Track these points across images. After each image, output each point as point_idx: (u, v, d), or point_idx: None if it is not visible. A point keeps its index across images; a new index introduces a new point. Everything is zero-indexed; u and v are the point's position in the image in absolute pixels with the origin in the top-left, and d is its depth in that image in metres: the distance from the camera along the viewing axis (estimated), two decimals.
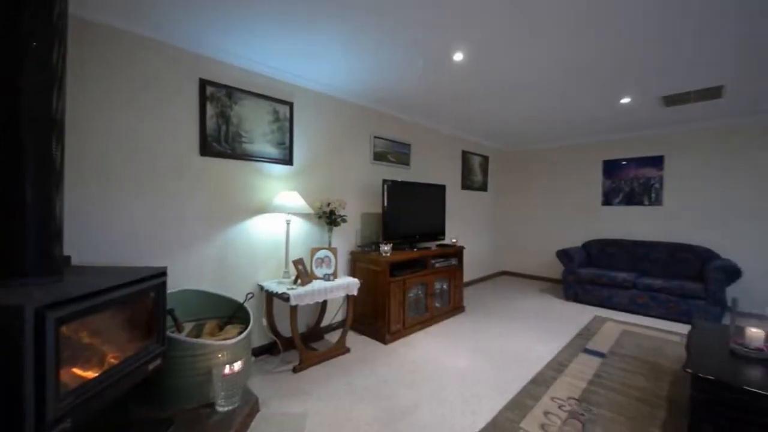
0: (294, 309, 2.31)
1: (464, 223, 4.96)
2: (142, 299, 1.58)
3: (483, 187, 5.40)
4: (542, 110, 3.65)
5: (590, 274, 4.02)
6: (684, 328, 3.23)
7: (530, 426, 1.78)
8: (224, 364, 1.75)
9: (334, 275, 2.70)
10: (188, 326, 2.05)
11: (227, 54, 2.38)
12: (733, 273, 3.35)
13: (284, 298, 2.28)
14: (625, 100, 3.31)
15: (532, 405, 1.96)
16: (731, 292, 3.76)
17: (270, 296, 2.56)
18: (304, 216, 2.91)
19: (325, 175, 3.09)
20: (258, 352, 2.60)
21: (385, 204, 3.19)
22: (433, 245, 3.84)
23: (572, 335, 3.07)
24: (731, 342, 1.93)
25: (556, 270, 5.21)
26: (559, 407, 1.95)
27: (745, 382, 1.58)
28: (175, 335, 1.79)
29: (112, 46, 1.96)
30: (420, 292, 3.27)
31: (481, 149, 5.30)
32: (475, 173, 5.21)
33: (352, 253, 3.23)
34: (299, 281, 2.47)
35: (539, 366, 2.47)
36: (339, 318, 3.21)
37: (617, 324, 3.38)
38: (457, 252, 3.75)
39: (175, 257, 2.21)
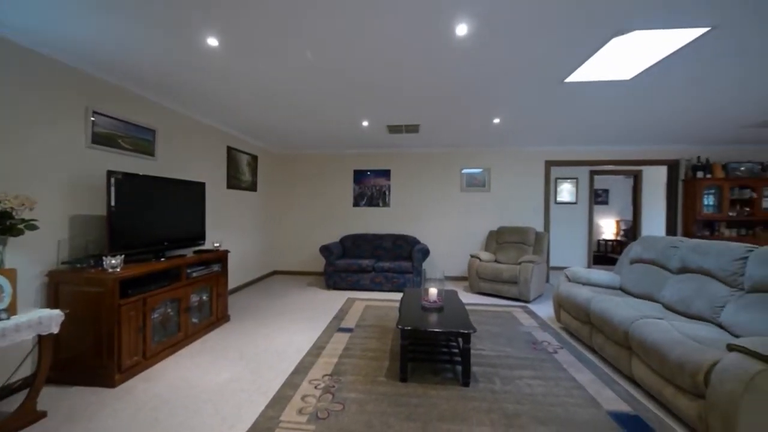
0: None
1: (231, 225, 4.62)
2: None
3: (252, 187, 5.23)
4: (301, 120, 3.96)
5: (345, 264, 4.77)
6: (400, 296, 4.45)
7: (289, 415, 1.88)
8: None
9: (11, 310, 1.78)
10: None
11: None
12: (426, 253, 4.93)
13: None
14: (365, 123, 4.15)
15: (291, 395, 2.08)
16: (425, 265, 5.56)
17: None
18: None
19: None
20: None
21: (113, 204, 2.45)
22: (189, 252, 3.33)
23: (329, 319, 3.53)
24: (422, 300, 2.83)
25: (321, 264, 5.85)
26: (315, 387, 2.18)
27: (428, 325, 2.32)
28: None
29: None
30: (170, 309, 2.75)
31: (249, 147, 5.11)
32: (243, 172, 4.96)
33: (53, 274, 2.26)
34: None
35: (301, 355, 2.67)
36: (26, 372, 2.17)
37: (362, 302, 4.19)
38: (220, 257, 3.43)
39: None
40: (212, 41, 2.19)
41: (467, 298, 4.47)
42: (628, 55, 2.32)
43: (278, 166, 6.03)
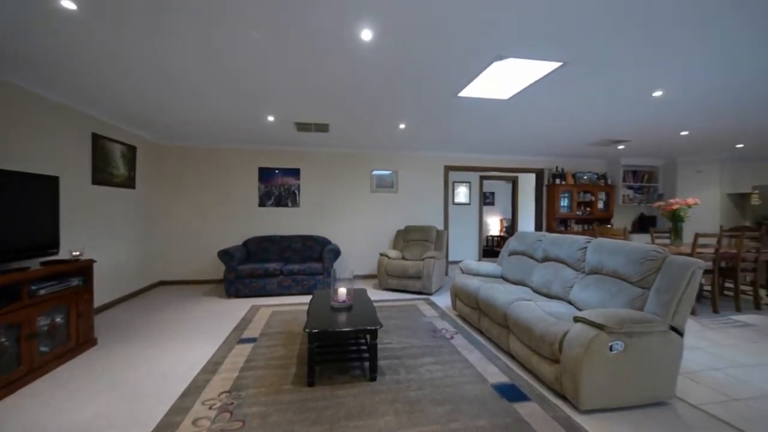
0: None
1: (99, 229, 3.82)
2: None
3: (129, 184, 4.42)
4: (191, 108, 3.52)
5: (248, 268, 4.42)
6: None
7: None
8: None
9: None
10: None
11: None
12: (337, 253, 4.91)
13: None
14: (271, 118, 3.92)
15: (180, 421, 1.83)
16: (337, 265, 5.54)
17: None
18: None
19: None
20: None
21: None
22: (35, 263, 2.64)
23: (230, 330, 3.22)
24: (331, 300, 2.80)
25: (220, 270, 5.29)
26: (210, 408, 1.95)
27: (337, 325, 2.31)
28: None
29: None
30: (5, 338, 2.12)
31: (124, 136, 4.30)
32: (116, 165, 4.15)
33: None
34: None
35: (193, 374, 2.36)
36: None
37: (268, 308, 3.95)
38: (81, 268, 2.80)
39: None
40: (67, 3, 1.77)
41: (376, 295, 4.61)
42: (506, 79, 2.72)
43: (164, 159, 5.22)
